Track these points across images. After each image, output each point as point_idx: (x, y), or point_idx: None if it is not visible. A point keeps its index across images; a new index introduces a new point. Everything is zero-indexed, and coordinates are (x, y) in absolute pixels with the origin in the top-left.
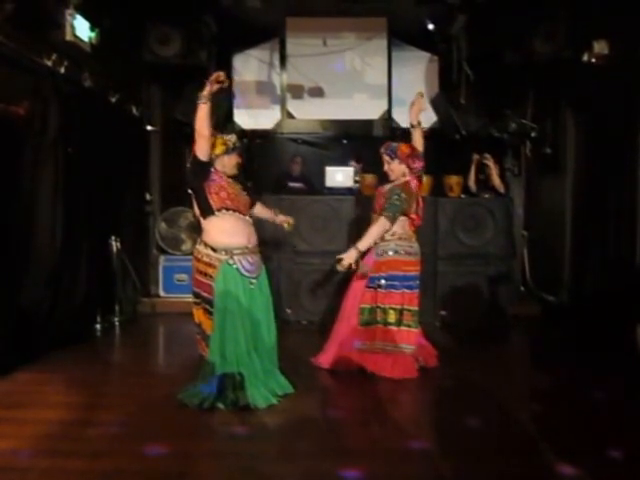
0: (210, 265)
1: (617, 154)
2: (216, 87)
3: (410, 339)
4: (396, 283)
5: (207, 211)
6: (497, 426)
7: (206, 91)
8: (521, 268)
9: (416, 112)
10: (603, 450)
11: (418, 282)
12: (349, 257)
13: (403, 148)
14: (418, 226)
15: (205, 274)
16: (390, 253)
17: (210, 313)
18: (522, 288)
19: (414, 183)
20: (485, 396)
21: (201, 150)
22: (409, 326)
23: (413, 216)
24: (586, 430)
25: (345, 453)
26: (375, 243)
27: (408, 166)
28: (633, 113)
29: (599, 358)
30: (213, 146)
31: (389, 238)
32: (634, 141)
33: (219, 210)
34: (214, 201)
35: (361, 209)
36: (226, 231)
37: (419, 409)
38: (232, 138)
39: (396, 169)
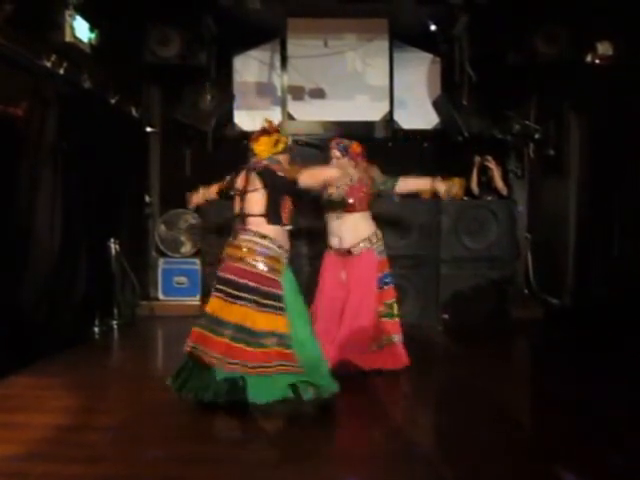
0: (279, 261)
1: (621, 156)
2: None
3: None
4: (390, 279)
5: (276, 220)
6: (499, 430)
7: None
8: (524, 271)
9: None
10: (605, 455)
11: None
12: None
13: (355, 147)
14: None
15: (273, 269)
16: (384, 253)
17: (264, 306)
18: (525, 291)
19: None
20: (487, 399)
21: (306, 182)
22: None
23: None
24: (588, 434)
25: (345, 457)
26: (373, 241)
27: (356, 165)
28: (637, 114)
29: (602, 361)
30: (276, 143)
31: (380, 237)
32: (638, 143)
33: (284, 225)
34: (284, 214)
35: None
36: (286, 239)
37: (420, 412)
38: (289, 140)
39: (345, 166)
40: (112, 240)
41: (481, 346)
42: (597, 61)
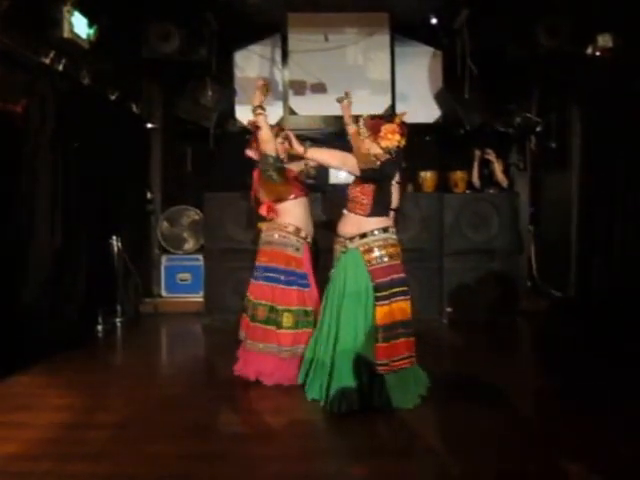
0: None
1: (622, 148)
2: None
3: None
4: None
5: (387, 207)
6: (503, 423)
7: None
8: (527, 263)
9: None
10: (610, 448)
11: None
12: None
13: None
14: None
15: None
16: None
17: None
18: (529, 283)
19: None
20: (491, 393)
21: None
22: None
23: None
24: (592, 428)
25: (349, 452)
26: None
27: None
28: (638, 106)
29: (606, 354)
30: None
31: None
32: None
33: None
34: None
35: None
36: None
37: (423, 407)
38: None
39: None
40: (114, 237)
41: (485, 339)
42: (597, 53)
